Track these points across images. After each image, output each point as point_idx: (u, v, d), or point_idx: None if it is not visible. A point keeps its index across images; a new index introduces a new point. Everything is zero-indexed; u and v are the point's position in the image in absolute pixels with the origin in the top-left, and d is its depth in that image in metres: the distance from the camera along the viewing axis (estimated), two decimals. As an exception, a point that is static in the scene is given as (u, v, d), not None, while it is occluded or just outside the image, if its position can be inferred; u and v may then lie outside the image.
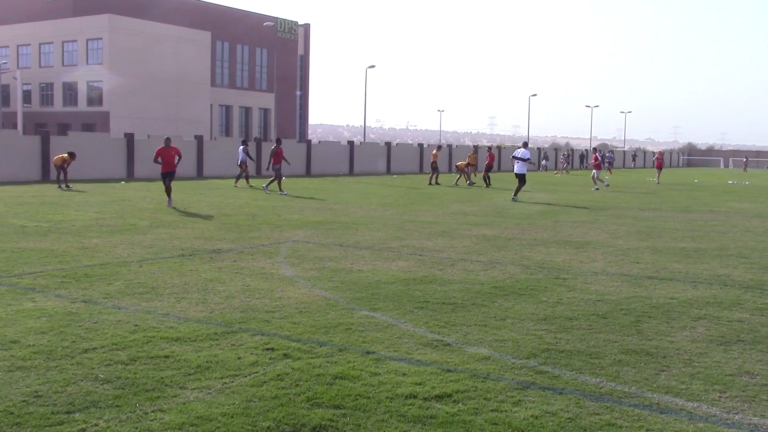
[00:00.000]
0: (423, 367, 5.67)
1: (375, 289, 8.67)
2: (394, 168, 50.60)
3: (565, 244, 13.13)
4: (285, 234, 13.85)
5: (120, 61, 62.25)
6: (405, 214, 18.63)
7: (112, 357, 5.74)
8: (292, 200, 22.39)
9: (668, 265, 11.07)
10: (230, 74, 79.95)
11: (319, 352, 6.03)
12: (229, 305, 7.68)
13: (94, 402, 4.77)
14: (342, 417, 4.64)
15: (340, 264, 10.49)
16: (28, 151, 31.56)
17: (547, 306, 7.99)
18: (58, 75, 65.70)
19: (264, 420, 4.55)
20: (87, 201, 20.45)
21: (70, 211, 17.41)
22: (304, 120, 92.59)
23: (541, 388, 5.26)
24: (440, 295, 8.39)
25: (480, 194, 27.47)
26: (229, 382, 5.24)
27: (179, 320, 6.98)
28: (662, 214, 20.34)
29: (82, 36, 63.67)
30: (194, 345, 6.14)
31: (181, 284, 8.75)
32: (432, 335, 6.64)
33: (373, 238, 13.57)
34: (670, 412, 4.88)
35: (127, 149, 34.94)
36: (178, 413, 4.62)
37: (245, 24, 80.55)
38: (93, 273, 9.33)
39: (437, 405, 4.88)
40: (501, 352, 6.14)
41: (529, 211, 20.08)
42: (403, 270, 10.09)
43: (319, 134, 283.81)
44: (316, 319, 7.16)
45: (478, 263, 10.85)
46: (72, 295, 8.01)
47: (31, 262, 10.04)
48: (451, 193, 27.31)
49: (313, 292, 8.45)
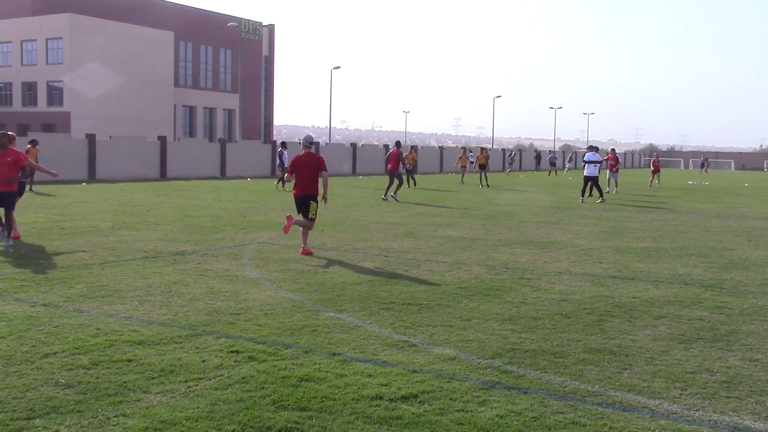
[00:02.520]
0: (389, 368, 5.67)
1: (341, 291, 8.65)
2: (359, 169, 50.59)
3: (530, 245, 13.25)
4: (250, 236, 13.77)
5: (81, 61, 61.33)
6: (370, 215, 18.63)
7: (73, 361, 5.65)
8: (256, 202, 22.25)
9: (630, 264, 11.23)
10: (194, 75, 79.32)
11: (285, 354, 6.00)
12: (193, 308, 7.61)
13: (54, 407, 4.69)
14: (308, 419, 4.62)
15: (305, 265, 10.45)
16: (-14, 152, 30.89)
17: (512, 306, 8.04)
18: (17, 74, 64.54)
19: (229, 423, 4.51)
20: (47, 203, 20.11)
21: (29, 213, 17.10)
22: (269, 121, 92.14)
23: (506, 388, 5.30)
24: (406, 296, 8.40)
25: (444, 196, 27.59)
26: (194, 385, 5.19)
27: (142, 323, 6.89)
28: (623, 214, 20.62)
29: (42, 35, 62.66)
30: (158, 348, 6.07)
31: (144, 287, 8.64)
32: (398, 336, 6.65)
33: (339, 239, 13.55)
34: (632, 409, 4.94)
35: (88, 150, 34.44)
36: (141, 418, 4.56)
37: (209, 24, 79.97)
38: (53, 276, 9.18)
39: (403, 406, 4.88)
40: (466, 353, 6.17)
41: (493, 212, 20.22)
42: (369, 271, 10.09)
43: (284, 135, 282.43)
44: (282, 321, 7.12)
45: (443, 264, 10.89)
46: (32, 298, 7.87)
47: (-10, 266, 9.83)
48: (417, 195, 27.38)
49: (279, 294, 8.41)
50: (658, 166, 38.51)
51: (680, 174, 67.75)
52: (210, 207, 19.89)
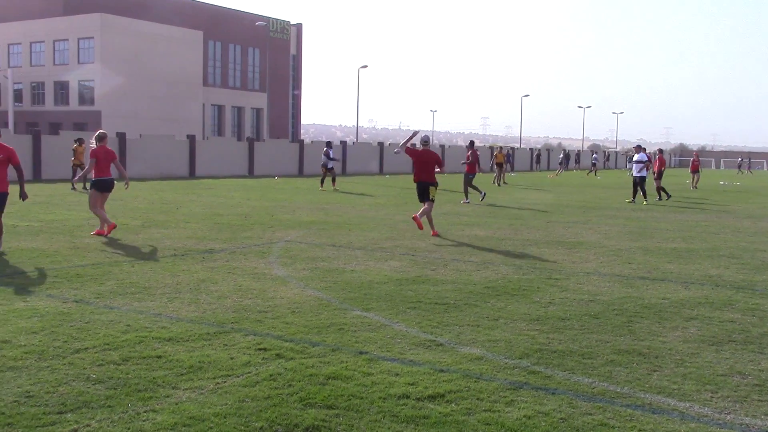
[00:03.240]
0: (416, 368, 5.67)
1: (368, 289, 8.66)
2: (386, 168, 50.61)
3: (558, 245, 13.16)
4: (277, 234, 13.84)
5: (112, 61, 62.08)
6: (398, 214, 18.63)
7: (104, 357, 5.72)
8: (284, 200, 22.36)
9: (660, 265, 11.11)
10: (222, 74, 79.86)
11: (312, 352, 6.02)
12: (221, 305, 7.67)
13: (86, 402, 4.76)
14: (335, 417, 4.63)
15: (332, 264, 10.48)
16: (19, 150, 31.28)
17: (540, 306, 8.00)
18: (49, 74, 65.47)
19: (257, 420, 4.54)
20: (79, 200, 20.37)
21: (61, 210, 17.34)
22: (296, 120, 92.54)
23: (534, 389, 5.27)
24: (433, 296, 8.39)
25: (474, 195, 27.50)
26: (222, 382, 5.23)
27: (171, 320, 6.96)
28: (653, 214, 20.41)
29: (74, 35, 63.48)
30: (186, 345, 6.13)
31: (173, 284, 8.73)
32: (425, 335, 6.65)
33: (366, 238, 13.57)
34: (662, 412, 4.89)
35: (119, 149, 34.82)
36: (170, 413, 4.60)
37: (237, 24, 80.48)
38: (85, 273, 9.30)
39: (430, 405, 4.88)
40: (494, 353, 6.15)
41: (521, 212, 20.12)
42: (396, 270, 10.09)
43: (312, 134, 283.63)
44: (309, 319, 7.15)
45: (470, 263, 10.86)
46: (64, 295, 7.98)
47: (23, 262, 10.00)
48: (444, 194, 27.33)
49: (306, 292, 8.44)
50: (697, 165, 37.92)
51: (712, 174, 66.86)
52: (238, 205, 20.02)
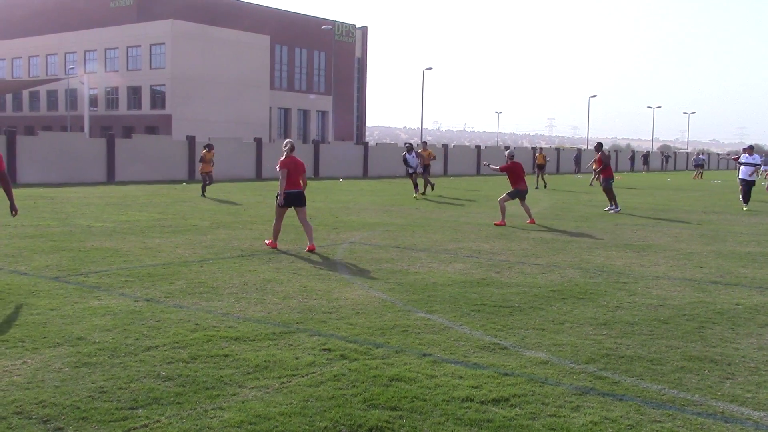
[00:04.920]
0: (480, 371, 5.63)
1: (431, 292, 8.65)
2: (451, 170, 50.45)
3: (626, 248, 12.89)
4: (342, 235, 13.94)
5: (181, 66, 63.57)
6: (462, 216, 18.55)
7: (173, 355, 5.87)
8: (348, 202, 22.51)
9: (733, 269, 10.77)
10: (289, 77, 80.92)
11: (376, 353, 6.05)
12: (286, 305, 7.77)
13: (156, 399, 4.88)
14: (398, 419, 4.64)
15: (396, 266, 10.50)
16: (94, 154, 32.50)
17: (607, 310, 7.85)
18: (123, 79, 67.48)
19: (321, 420, 4.58)
20: (150, 202, 20.93)
21: (133, 211, 17.85)
22: (361, 122, 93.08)
23: (601, 394, 5.18)
24: (497, 298, 8.33)
25: (537, 196, 27.18)
26: (287, 381, 5.30)
27: (238, 320, 7.09)
28: (726, 217, 19.80)
29: (146, 41, 65.28)
30: (253, 344, 6.23)
31: (240, 284, 8.88)
32: (489, 338, 6.60)
33: (430, 239, 13.55)
34: (735, 421, 4.74)
35: (188, 151, 35.65)
36: (237, 411, 4.69)
37: (304, 28, 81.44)
38: (155, 272, 9.55)
39: (494, 409, 4.84)
40: (559, 357, 6.06)
41: (587, 214, 19.78)
42: (460, 272, 10.05)
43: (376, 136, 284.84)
44: (373, 320, 7.18)
45: (535, 266, 10.73)
46: (135, 293, 8.21)
47: (97, 261, 10.32)
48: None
49: (370, 294, 8.48)
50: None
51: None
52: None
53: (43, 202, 20.29)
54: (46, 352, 5.86)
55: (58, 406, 4.71)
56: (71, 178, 30.91)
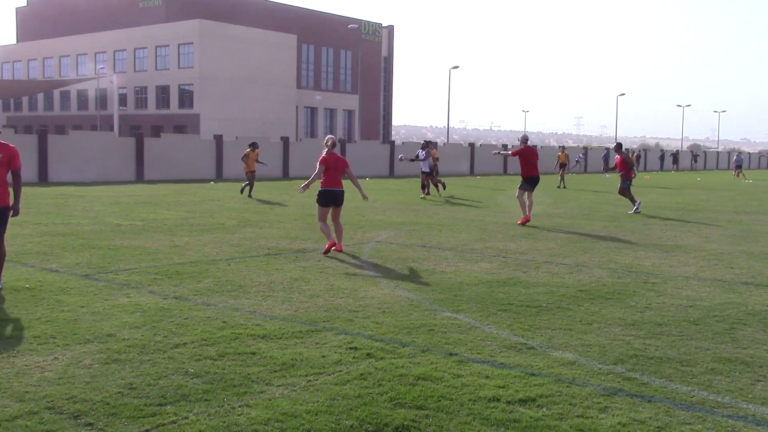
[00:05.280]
0: (506, 370, 5.61)
1: (458, 291, 8.63)
2: (477, 169, 50.28)
3: (655, 248, 12.76)
4: (368, 234, 13.95)
5: (209, 65, 64.05)
6: (488, 215, 18.48)
7: (201, 352, 5.91)
8: (375, 201, 22.53)
9: (765, 270, 10.61)
10: (315, 76, 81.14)
11: (402, 352, 6.05)
12: (313, 304, 7.80)
13: (184, 395, 4.93)
14: (424, 418, 4.64)
15: (423, 265, 10.50)
16: (123, 153, 32.86)
17: (636, 311, 7.78)
18: (151, 79, 68.14)
19: (347, 419, 4.59)
20: (178, 201, 21.12)
21: (162, 210, 18.01)
22: (387, 121, 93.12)
23: (629, 395, 5.13)
24: (524, 298, 8.29)
25: (565, 195, 27.01)
26: (314, 379, 5.32)
27: (265, 318, 7.13)
28: (758, 217, 19.51)
29: (174, 41, 65.85)
30: (280, 342, 6.26)
31: (267, 283, 8.93)
32: (516, 338, 6.57)
33: (456, 239, 13.52)
34: (766, 424, 4.67)
35: (216, 150, 35.91)
36: (264, 409, 4.71)
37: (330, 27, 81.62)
38: (183, 270, 9.63)
39: (521, 409, 4.82)
40: (587, 357, 6.02)
41: (615, 213, 19.61)
42: (487, 272, 10.01)
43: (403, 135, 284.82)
44: (399, 319, 7.18)
45: (563, 266, 10.66)
46: (164, 291, 8.29)
47: (126, 259, 10.44)
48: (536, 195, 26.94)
49: (396, 293, 8.48)
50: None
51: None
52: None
53: (73, 200, 20.57)
54: (77, 349, 5.94)
55: (88, 401, 4.77)
56: (101, 176, 31.28)
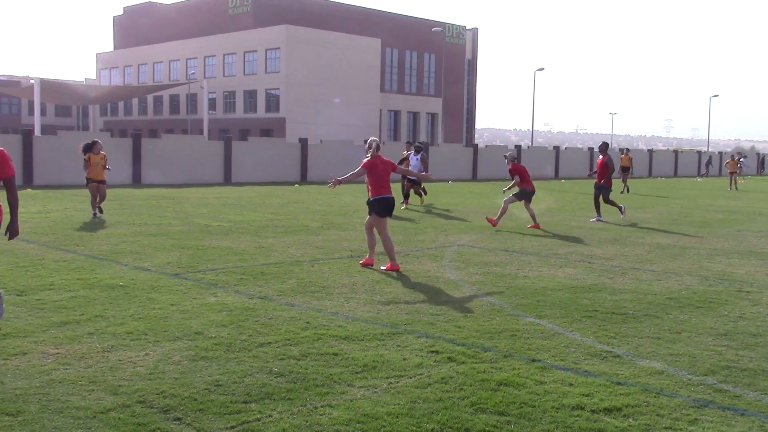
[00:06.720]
0: (591, 378, 5.49)
1: (541, 296, 8.50)
2: (562, 173, 49.43)
3: (749, 255, 12.25)
4: (450, 238, 13.90)
5: (295, 70, 65.17)
6: (573, 219, 18.13)
7: (285, 352, 6.02)
8: (457, 204, 22.43)
9: None
10: (399, 80, 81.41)
11: (484, 357, 6.00)
12: (395, 306, 7.82)
13: (268, 394, 5.02)
14: (506, 424, 4.59)
15: (505, 269, 10.39)
16: (212, 156, 33.79)
17: (728, 320, 7.49)
18: (240, 83, 69.82)
19: (428, 422, 4.59)
20: (264, 203, 21.56)
21: (248, 212, 18.43)
22: (470, 124, 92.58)
23: (721, 408, 4.94)
24: (610, 305, 8.10)
25: (654, 201, 26.24)
26: (395, 382, 5.33)
27: (348, 319, 7.19)
28: None
29: (262, 46, 67.29)
30: (361, 344, 6.31)
31: (349, 284, 9.01)
32: (601, 346, 6.43)
33: (540, 243, 13.32)
34: None
35: (300, 154, 36.49)
36: (345, 410, 4.76)
37: (414, 30, 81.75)
38: (268, 271, 9.83)
39: (606, 418, 4.71)
40: (676, 367, 5.83)
41: (708, 219, 18.92)
42: (571, 277, 9.83)
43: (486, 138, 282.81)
44: (481, 323, 7.13)
45: (651, 272, 10.36)
46: (249, 291, 8.48)
47: (214, 260, 10.72)
48: (624, 200, 26.28)
49: (478, 297, 8.42)
50: None
51: None
52: (411, 209, 20.31)
53: (165, 201, 21.27)
54: (167, 345, 6.14)
55: (177, 397, 4.93)
56: (191, 178, 32.24)
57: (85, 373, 5.37)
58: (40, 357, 5.73)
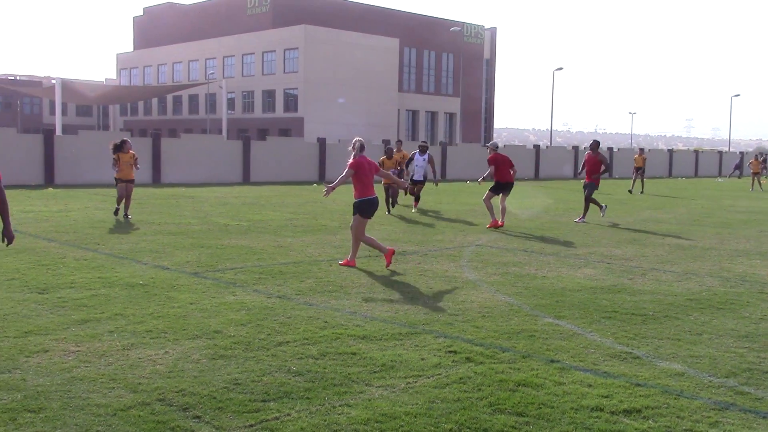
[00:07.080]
0: (610, 380, 5.46)
1: (560, 297, 8.47)
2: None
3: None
4: (469, 238, 13.88)
5: (313, 69, 65.32)
6: (592, 219, 18.03)
7: (303, 351, 6.04)
8: (475, 204, 22.38)
9: None
10: (417, 79, 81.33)
11: (502, 357, 5.98)
12: (413, 306, 7.82)
13: (286, 393, 5.04)
14: (525, 425, 4.57)
15: (524, 269, 10.35)
16: (231, 155, 33.93)
17: (750, 322, 7.42)
18: (258, 83, 70.08)
19: (446, 422, 4.58)
20: (282, 203, 21.63)
21: (267, 211, 18.49)
22: (489, 124, 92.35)
23: (742, 410, 4.90)
24: (629, 306, 8.05)
25: (674, 202, 26.06)
26: (413, 382, 5.33)
27: (365, 319, 7.20)
28: None
29: (280, 46, 67.49)
30: (379, 344, 6.31)
31: (367, 284, 9.02)
32: (620, 347, 6.39)
33: (559, 243, 13.26)
34: None
35: (319, 153, 36.56)
36: (363, 409, 4.76)
37: (432, 30, 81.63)
38: (287, 270, 9.86)
39: (625, 420, 4.68)
40: (696, 369, 5.78)
41: (729, 220, 18.75)
42: (590, 278, 9.78)
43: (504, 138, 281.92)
44: (499, 324, 7.11)
45: (671, 273, 10.29)
46: (268, 290, 8.51)
47: (233, 258, 10.77)
48: (644, 200, 26.10)
49: (496, 297, 8.40)
50: None
51: None
52: (429, 209, 20.29)
53: (184, 201, 21.39)
54: (186, 344, 6.18)
55: (196, 395, 4.96)
56: (210, 178, 32.40)
57: (105, 370, 5.42)
58: (61, 354, 5.79)
